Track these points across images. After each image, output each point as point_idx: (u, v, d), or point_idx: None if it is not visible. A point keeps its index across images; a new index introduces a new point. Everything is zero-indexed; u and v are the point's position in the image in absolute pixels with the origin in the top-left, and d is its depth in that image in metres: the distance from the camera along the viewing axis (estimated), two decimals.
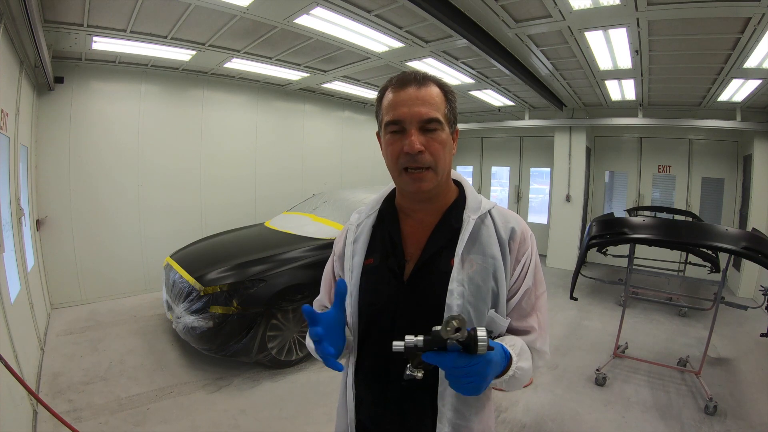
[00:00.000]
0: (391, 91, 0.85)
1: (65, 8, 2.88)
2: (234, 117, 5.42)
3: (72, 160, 4.11)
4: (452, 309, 0.82)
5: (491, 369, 0.69)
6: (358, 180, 7.14)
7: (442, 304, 0.83)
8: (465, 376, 0.66)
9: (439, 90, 0.85)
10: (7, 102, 2.67)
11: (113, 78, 4.35)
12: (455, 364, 0.65)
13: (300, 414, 2.57)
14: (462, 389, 0.69)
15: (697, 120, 5.42)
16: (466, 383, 0.67)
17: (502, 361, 0.74)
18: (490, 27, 3.21)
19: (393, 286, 0.87)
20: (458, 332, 0.64)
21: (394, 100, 0.83)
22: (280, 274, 3.06)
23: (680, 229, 3.04)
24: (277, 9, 2.96)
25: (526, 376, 0.83)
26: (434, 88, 0.84)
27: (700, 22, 2.79)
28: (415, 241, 0.90)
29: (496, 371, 0.72)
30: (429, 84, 0.84)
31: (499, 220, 0.90)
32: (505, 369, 0.77)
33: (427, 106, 0.81)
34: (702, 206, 6.06)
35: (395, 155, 0.83)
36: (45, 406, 1.99)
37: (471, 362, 0.65)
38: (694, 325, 4.20)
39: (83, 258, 4.23)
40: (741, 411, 2.66)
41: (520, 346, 0.82)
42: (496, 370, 0.72)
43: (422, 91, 0.82)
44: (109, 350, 3.26)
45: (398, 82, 0.84)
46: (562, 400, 2.77)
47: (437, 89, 0.85)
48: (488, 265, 0.85)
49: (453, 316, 0.64)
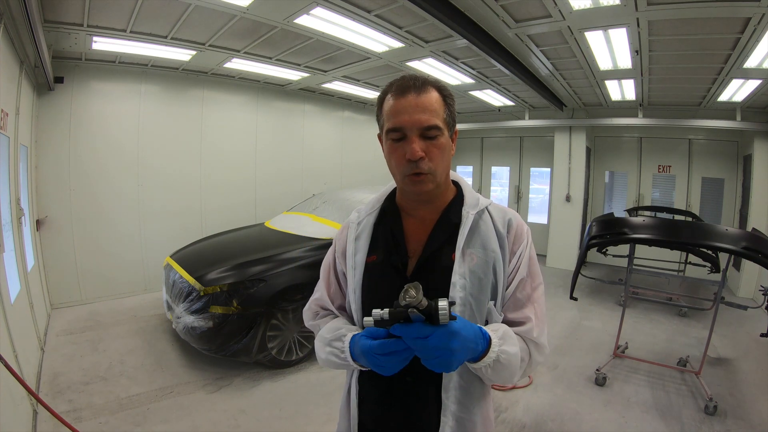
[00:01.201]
0: (391, 98, 0.87)
1: (65, 8, 2.88)
2: (234, 117, 5.42)
3: (72, 160, 4.11)
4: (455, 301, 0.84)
5: (457, 342, 0.70)
6: (358, 180, 7.13)
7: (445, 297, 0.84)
8: (431, 349, 0.69)
9: (438, 94, 0.88)
10: (7, 102, 2.67)
11: (113, 78, 4.35)
12: (419, 333, 0.69)
13: (300, 414, 2.57)
14: (431, 363, 0.71)
15: (697, 120, 5.42)
16: (434, 357, 0.70)
17: (476, 338, 0.75)
18: (490, 27, 3.20)
19: (396, 282, 0.88)
20: (415, 300, 0.67)
21: (394, 107, 0.86)
22: (280, 274, 3.06)
23: (680, 229, 3.04)
24: (277, 9, 2.96)
25: (515, 364, 0.81)
26: (433, 94, 0.87)
27: (700, 22, 2.79)
28: (417, 239, 0.93)
29: (466, 346, 0.73)
30: (428, 90, 0.86)
31: (497, 215, 0.93)
32: (485, 351, 0.78)
33: (427, 114, 0.84)
34: (702, 206, 6.06)
35: (398, 161, 0.87)
36: (45, 406, 1.99)
37: (434, 332, 0.69)
38: (694, 325, 4.20)
39: (83, 258, 4.23)
40: (741, 411, 2.66)
41: (503, 330, 0.83)
42: (467, 346, 0.73)
43: (422, 98, 0.85)
44: (109, 350, 3.26)
45: (398, 89, 0.86)
46: (562, 400, 2.77)
47: (436, 94, 0.87)
48: (488, 259, 0.88)
49: (410, 284, 0.68)
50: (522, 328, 0.87)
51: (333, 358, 0.88)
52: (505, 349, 0.80)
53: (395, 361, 0.76)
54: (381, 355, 0.76)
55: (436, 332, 0.69)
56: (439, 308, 0.68)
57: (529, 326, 0.88)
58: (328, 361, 0.90)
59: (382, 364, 0.77)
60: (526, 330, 0.87)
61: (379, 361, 0.77)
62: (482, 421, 0.90)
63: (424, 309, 0.68)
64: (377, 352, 0.76)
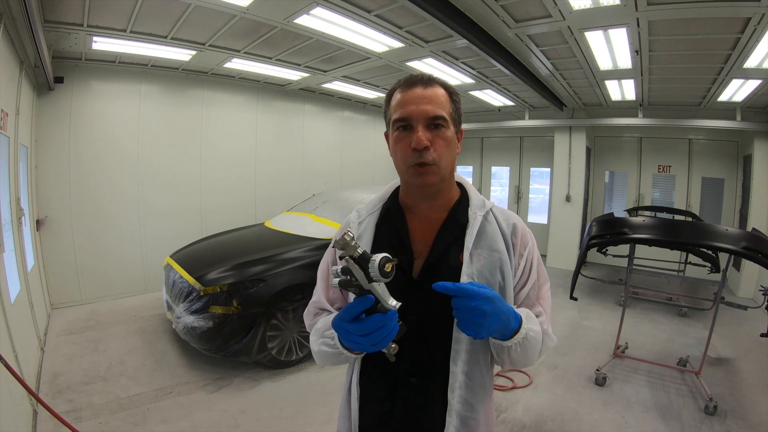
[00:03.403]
0: (399, 92, 0.90)
1: (65, 8, 2.87)
2: (234, 117, 5.42)
3: (72, 160, 4.11)
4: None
5: (490, 306, 0.73)
6: (358, 180, 7.13)
7: None
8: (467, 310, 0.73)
9: (445, 91, 0.90)
10: (7, 102, 2.67)
11: (113, 78, 4.35)
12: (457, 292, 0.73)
13: (300, 414, 2.57)
14: (464, 324, 0.74)
15: (697, 120, 5.42)
16: (467, 317, 0.73)
17: (509, 313, 0.78)
18: (490, 27, 3.20)
19: (402, 282, 0.88)
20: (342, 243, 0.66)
21: (402, 99, 0.88)
22: (280, 274, 3.06)
23: (680, 229, 3.04)
24: (277, 9, 2.96)
25: (539, 341, 0.86)
26: (440, 89, 0.89)
27: (700, 22, 2.79)
28: (422, 238, 0.93)
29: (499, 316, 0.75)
30: (435, 85, 0.89)
31: (501, 217, 0.95)
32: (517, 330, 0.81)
33: (433, 105, 0.86)
34: (702, 206, 6.06)
35: (403, 151, 0.88)
36: (45, 406, 1.99)
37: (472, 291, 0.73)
38: (694, 325, 4.20)
39: (83, 258, 4.23)
40: (741, 411, 2.66)
41: (525, 311, 0.87)
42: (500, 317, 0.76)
43: (429, 90, 0.87)
44: (109, 350, 3.26)
45: (406, 83, 0.89)
46: (562, 400, 2.77)
47: (443, 90, 0.90)
48: (495, 260, 0.89)
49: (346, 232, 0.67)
50: None
51: (325, 348, 0.88)
52: (532, 327, 0.83)
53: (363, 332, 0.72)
54: (348, 323, 0.73)
55: (472, 292, 0.72)
56: (370, 260, 0.67)
57: (542, 319, 0.91)
58: (321, 352, 0.90)
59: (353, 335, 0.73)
60: (540, 322, 0.90)
61: (349, 334, 0.74)
62: (485, 419, 0.90)
63: (358, 259, 0.67)
64: (342, 320, 0.74)
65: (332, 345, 0.86)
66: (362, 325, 0.72)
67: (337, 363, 0.92)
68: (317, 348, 0.91)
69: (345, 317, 0.74)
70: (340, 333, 0.77)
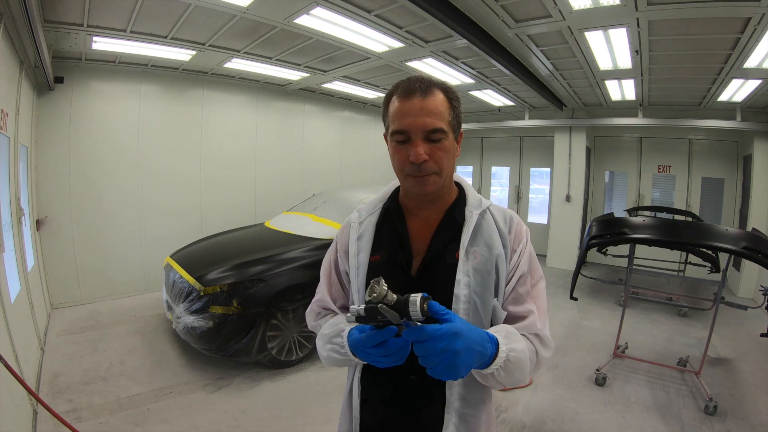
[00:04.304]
0: (397, 99, 0.87)
1: (65, 8, 2.88)
2: (234, 117, 5.42)
3: (72, 160, 4.11)
4: (459, 299, 0.85)
5: (461, 342, 0.67)
6: (358, 180, 7.13)
7: (450, 295, 0.86)
8: (434, 353, 0.66)
9: (444, 96, 0.87)
10: (7, 102, 2.67)
11: (113, 78, 4.35)
12: (417, 336, 0.66)
13: (300, 414, 2.57)
14: (436, 370, 0.67)
15: (697, 120, 5.42)
16: (438, 361, 0.66)
17: (482, 341, 0.72)
18: (490, 27, 3.20)
19: (401, 280, 0.89)
20: (378, 296, 0.64)
21: (400, 109, 0.86)
22: (280, 274, 3.06)
23: (680, 229, 3.04)
24: (277, 9, 2.96)
25: (525, 359, 0.79)
26: (439, 96, 0.86)
27: (700, 22, 2.79)
28: (421, 238, 0.94)
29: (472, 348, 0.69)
30: (434, 92, 0.86)
31: (498, 215, 0.95)
32: (495, 354, 0.75)
33: (431, 117, 0.84)
34: (702, 206, 6.06)
35: (401, 162, 0.87)
36: (45, 406, 1.99)
37: (433, 334, 0.65)
38: (694, 325, 4.20)
39: (83, 258, 4.23)
40: (741, 411, 2.66)
41: (505, 329, 0.82)
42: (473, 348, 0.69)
43: (427, 101, 0.84)
44: (109, 350, 3.26)
45: (403, 91, 0.86)
46: (562, 400, 2.77)
47: (442, 96, 0.87)
48: (491, 257, 0.89)
49: (374, 280, 0.65)
50: (525, 322, 0.87)
51: (334, 355, 0.88)
52: (513, 347, 0.78)
53: (386, 354, 0.73)
54: (369, 348, 0.74)
55: (436, 332, 0.66)
56: (409, 302, 0.65)
57: (532, 319, 0.87)
58: (330, 358, 0.89)
59: (373, 356, 0.75)
60: (529, 323, 0.87)
61: (370, 355, 0.75)
62: (485, 418, 0.91)
63: (394, 304, 0.66)
64: (365, 345, 0.75)
65: (342, 353, 0.86)
66: (385, 349, 0.73)
67: (344, 366, 0.93)
68: (326, 354, 0.91)
69: (367, 344, 0.74)
70: (361, 354, 0.78)
